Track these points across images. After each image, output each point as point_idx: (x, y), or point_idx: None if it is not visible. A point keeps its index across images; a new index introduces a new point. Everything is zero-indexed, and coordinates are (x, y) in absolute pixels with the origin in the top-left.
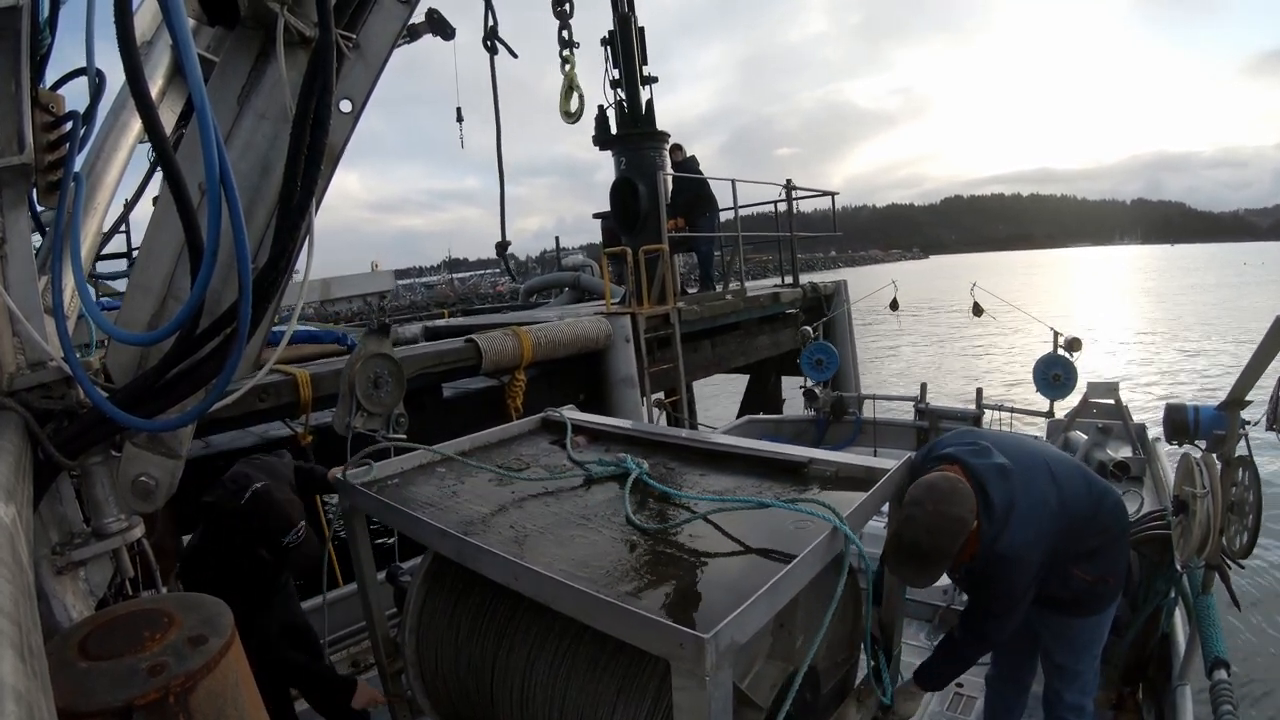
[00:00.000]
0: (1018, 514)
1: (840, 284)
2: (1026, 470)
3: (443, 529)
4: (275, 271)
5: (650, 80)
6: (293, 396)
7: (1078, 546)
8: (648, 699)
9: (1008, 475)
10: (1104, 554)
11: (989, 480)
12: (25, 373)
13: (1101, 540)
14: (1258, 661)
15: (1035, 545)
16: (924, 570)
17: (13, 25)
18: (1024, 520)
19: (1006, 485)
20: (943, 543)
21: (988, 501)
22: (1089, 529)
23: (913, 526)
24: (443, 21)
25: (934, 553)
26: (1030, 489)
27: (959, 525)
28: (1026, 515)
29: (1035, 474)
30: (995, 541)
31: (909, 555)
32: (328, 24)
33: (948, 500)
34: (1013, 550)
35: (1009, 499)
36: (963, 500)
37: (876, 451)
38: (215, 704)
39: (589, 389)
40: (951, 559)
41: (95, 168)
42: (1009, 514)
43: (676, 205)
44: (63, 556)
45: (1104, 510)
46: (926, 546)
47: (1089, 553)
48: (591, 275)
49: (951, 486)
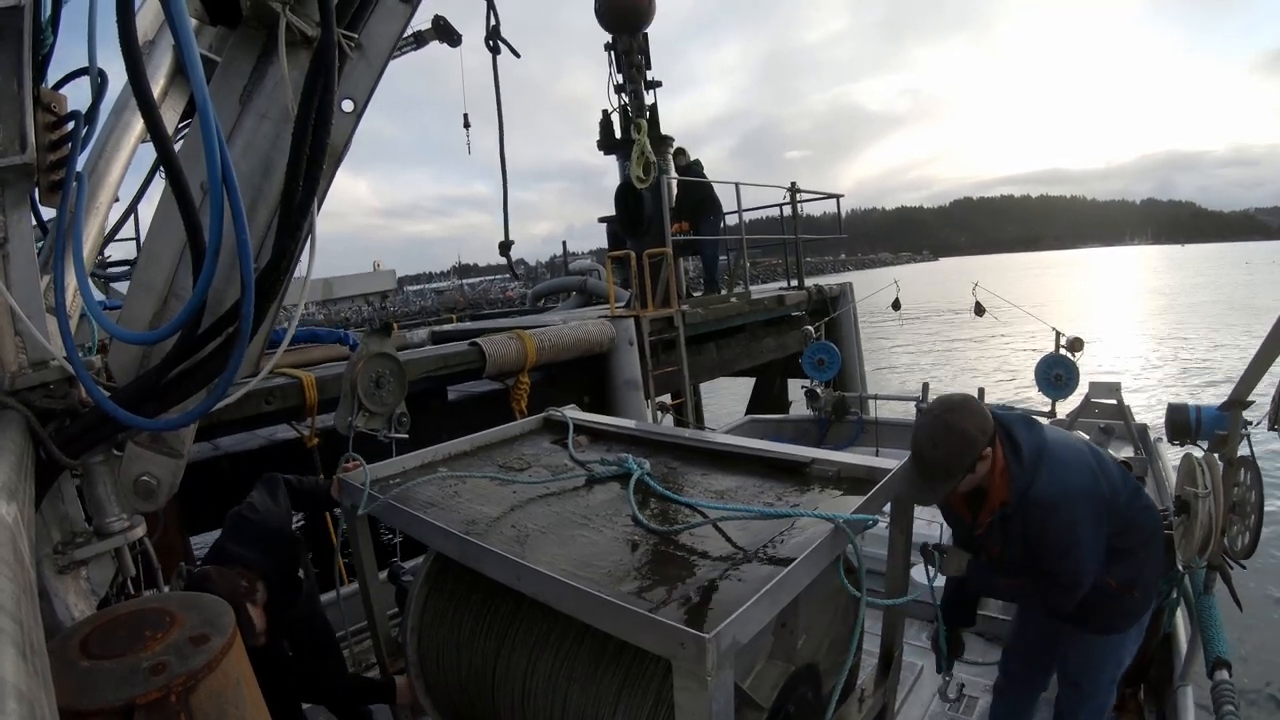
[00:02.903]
0: (1050, 458)
1: (846, 286)
2: (1061, 439)
3: (445, 529)
4: (277, 271)
5: (655, 85)
6: (299, 399)
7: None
8: (649, 699)
9: (1034, 425)
10: (1135, 557)
11: (1015, 426)
12: (27, 372)
13: (1135, 540)
14: (1259, 662)
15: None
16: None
17: (15, 25)
18: (1061, 465)
19: (1033, 431)
20: (944, 455)
21: (1015, 445)
22: (1125, 515)
23: (918, 435)
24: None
25: (939, 463)
26: (1063, 440)
27: (964, 441)
28: (1062, 461)
29: (1071, 445)
30: (1030, 487)
31: (915, 463)
32: (330, 24)
33: (957, 411)
34: (1054, 492)
35: (1038, 444)
36: (971, 416)
37: (879, 451)
38: (217, 703)
39: (593, 392)
40: (954, 478)
41: (97, 167)
42: (1039, 458)
43: (681, 209)
44: (65, 555)
45: (1139, 504)
46: (928, 456)
47: (1121, 552)
48: (599, 280)
49: (965, 399)
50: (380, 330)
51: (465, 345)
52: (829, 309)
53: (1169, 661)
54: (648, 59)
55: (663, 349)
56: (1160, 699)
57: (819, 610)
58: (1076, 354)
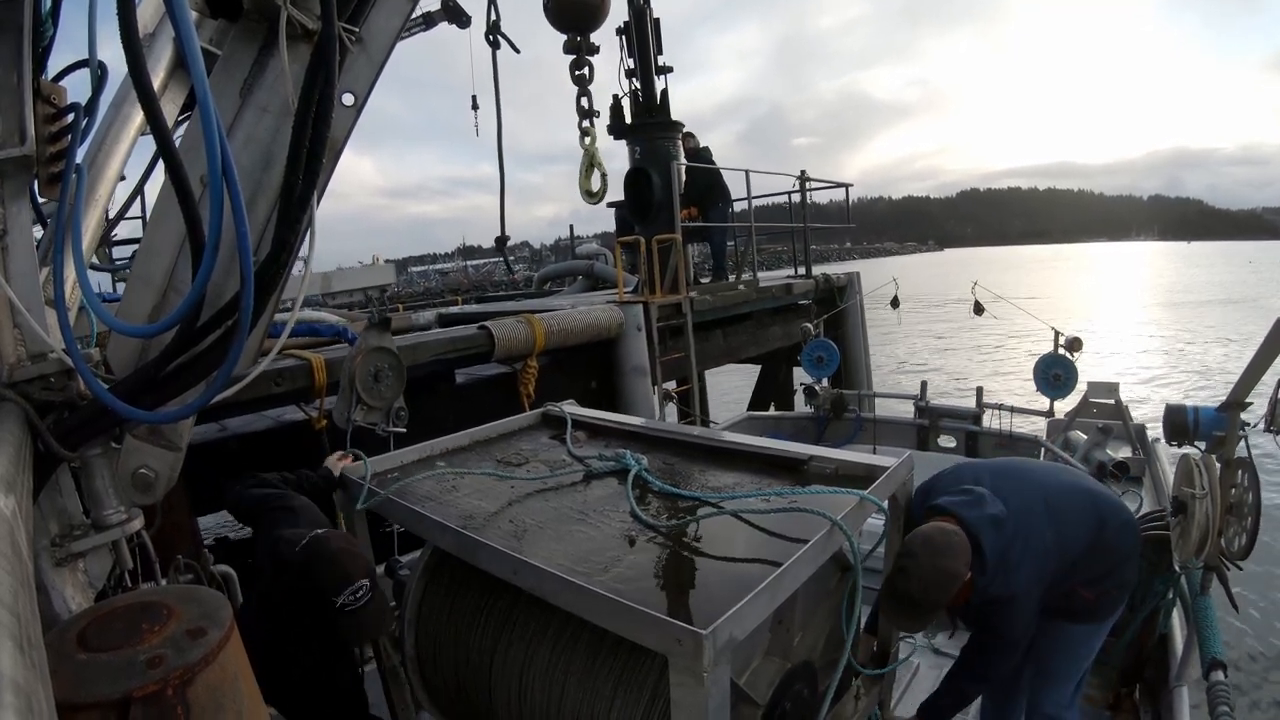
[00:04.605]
0: (1010, 563)
1: (853, 276)
2: (1021, 515)
3: (442, 523)
4: (277, 264)
5: (665, 70)
6: (307, 381)
7: (1081, 575)
8: (645, 694)
9: (1001, 526)
10: (1111, 575)
11: (983, 533)
12: (26, 364)
13: (1108, 563)
14: (1255, 663)
15: (1030, 588)
16: (916, 619)
17: (15, 17)
18: (1017, 567)
19: (1000, 536)
20: (935, 595)
21: (981, 554)
22: (1091, 558)
23: (906, 579)
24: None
25: (926, 603)
26: (1025, 537)
27: (951, 579)
28: (1019, 562)
29: (1032, 519)
30: (989, 588)
31: (901, 604)
32: (330, 17)
33: (941, 554)
34: (1006, 592)
35: (1002, 551)
36: (957, 554)
37: (876, 449)
38: (214, 696)
39: (600, 377)
40: (943, 608)
41: (97, 160)
42: (1001, 564)
43: (689, 195)
44: (62, 548)
45: (1108, 535)
46: (919, 597)
47: (1094, 576)
48: (605, 264)
49: (946, 541)
50: (379, 324)
51: (474, 329)
52: (836, 298)
53: (1165, 662)
54: (659, 44)
55: (670, 335)
56: (1156, 699)
57: (815, 607)
58: (1075, 354)
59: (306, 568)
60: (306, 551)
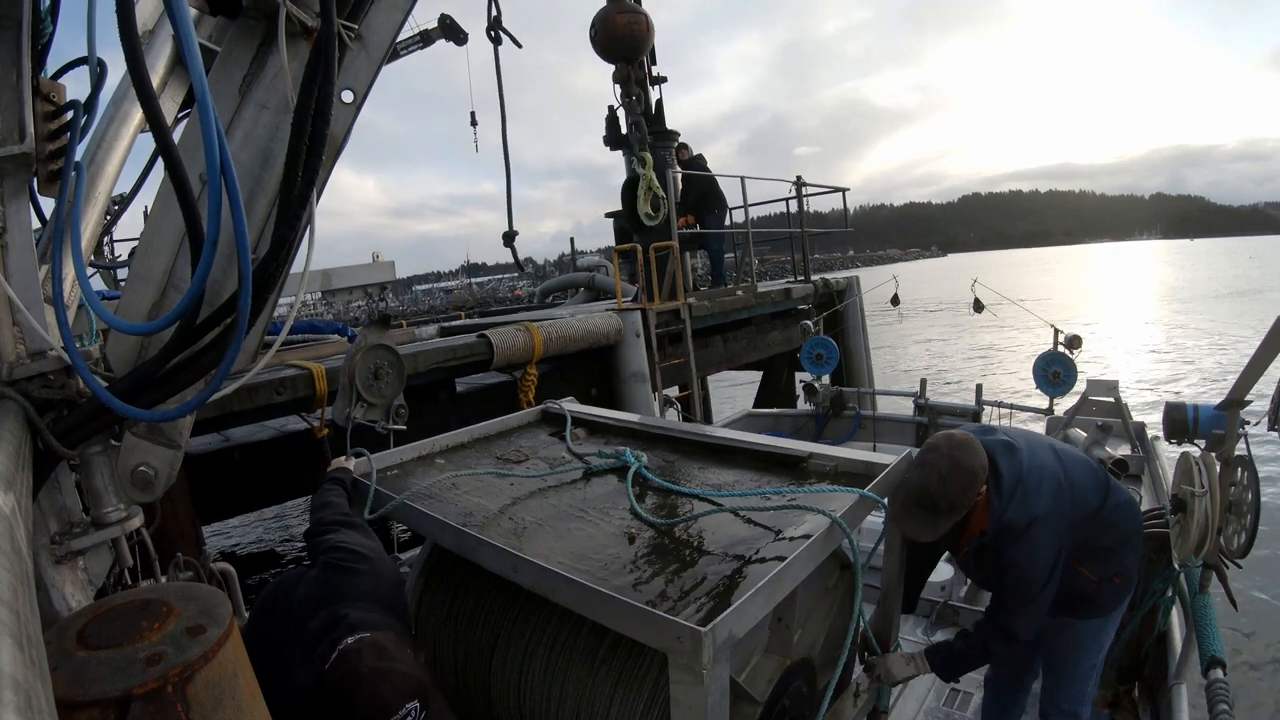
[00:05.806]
0: (1024, 486)
1: (853, 280)
2: (1035, 452)
3: (442, 520)
4: (276, 262)
5: (660, 80)
6: (309, 390)
7: (1086, 540)
8: (645, 692)
9: (1014, 450)
10: (1113, 554)
11: (996, 453)
12: (25, 362)
13: (1111, 538)
14: (1254, 661)
15: (1050, 515)
16: (929, 521)
17: (14, 14)
18: (1035, 492)
19: (1013, 459)
20: (953, 492)
21: (996, 474)
22: (1097, 522)
23: (926, 471)
24: (455, 27)
25: (942, 501)
26: (1037, 464)
27: (971, 478)
28: (1034, 487)
29: (1044, 457)
30: (1004, 514)
31: (918, 501)
32: (329, 15)
33: (963, 450)
34: (1026, 516)
35: (1016, 472)
36: (977, 455)
37: (875, 447)
38: (213, 694)
39: (600, 384)
40: (957, 513)
41: (96, 157)
42: (1016, 486)
43: (685, 203)
44: (62, 546)
45: (1113, 505)
46: (936, 493)
47: (1097, 551)
48: (606, 275)
49: (968, 439)
50: (379, 322)
51: (473, 337)
52: (835, 303)
53: (1164, 660)
54: (654, 54)
55: (669, 342)
56: (1155, 697)
57: (815, 605)
58: (1075, 351)
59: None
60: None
